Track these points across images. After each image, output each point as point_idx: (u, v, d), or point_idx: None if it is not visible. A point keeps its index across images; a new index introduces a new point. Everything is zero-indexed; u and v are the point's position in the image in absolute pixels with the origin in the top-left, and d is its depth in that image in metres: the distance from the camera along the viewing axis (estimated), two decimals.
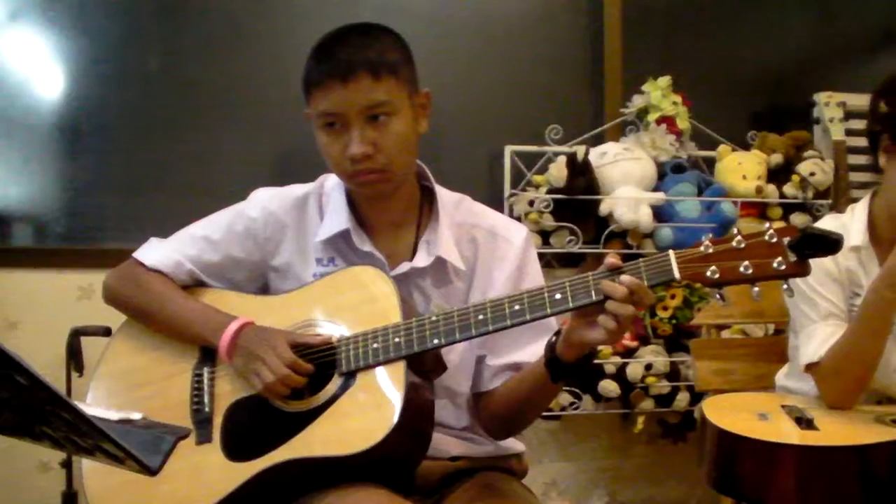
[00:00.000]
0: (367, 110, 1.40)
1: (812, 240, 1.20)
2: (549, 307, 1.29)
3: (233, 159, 2.71)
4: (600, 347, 1.37)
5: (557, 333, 1.36)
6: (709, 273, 1.23)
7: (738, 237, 1.23)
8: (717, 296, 1.26)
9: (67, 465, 2.25)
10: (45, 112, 2.63)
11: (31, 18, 2.63)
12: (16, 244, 2.63)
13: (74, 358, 2.28)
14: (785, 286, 1.25)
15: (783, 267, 1.21)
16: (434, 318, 1.36)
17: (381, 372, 1.36)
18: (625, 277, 1.24)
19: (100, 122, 2.65)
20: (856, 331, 1.70)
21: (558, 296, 1.29)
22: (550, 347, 1.36)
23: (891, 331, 1.70)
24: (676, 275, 1.24)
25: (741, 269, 1.22)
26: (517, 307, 1.31)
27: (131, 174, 2.67)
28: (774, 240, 1.22)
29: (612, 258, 1.28)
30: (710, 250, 1.23)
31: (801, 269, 1.21)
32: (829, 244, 1.19)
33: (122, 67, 2.67)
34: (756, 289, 1.24)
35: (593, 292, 1.26)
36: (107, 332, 2.13)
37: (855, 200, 1.91)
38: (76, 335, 2.29)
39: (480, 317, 1.33)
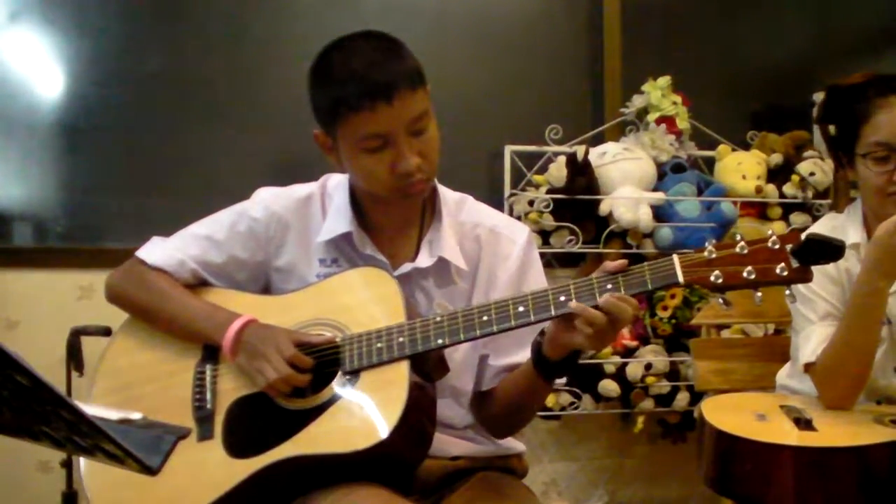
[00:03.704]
0: (412, 124, 1.39)
1: (814, 247, 1.22)
2: (553, 309, 1.30)
3: (233, 159, 2.71)
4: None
5: (542, 333, 1.36)
6: (712, 278, 1.24)
7: (742, 243, 1.25)
8: (721, 300, 1.27)
9: (67, 465, 2.25)
10: (44, 112, 2.63)
11: (31, 18, 2.63)
12: (16, 244, 2.63)
13: (74, 358, 2.28)
14: (787, 292, 1.27)
15: (786, 273, 1.22)
16: (438, 319, 1.36)
17: (383, 371, 1.36)
18: (605, 297, 1.25)
19: (100, 122, 2.65)
20: (847, 326, 1.69)
21: (562, 298, 1.29)
22: (537, 348, 1.37)
23: (882, 324, 1.69)
24: (680, 279, 1.25)
25: (744, 274, 1.23)
26: (521, 308, 1.31)
27: (131, 174, 2.67)
28: (777, 246, 1.23)
29: (610, 261, 1.30)
30: (714, 255, 1.25)
31: (804, 276, 1.23)
32: (832, 251, 1.21)
33: (122, 67, 2.67)
34: (759, 294, 1.25)
35: (597, 295, 1.27)
36: (107, 331, 2.13)
37: (854, 200, 1.91)
38: (76, 335, 2.29)
39: (485, 317, 1.33)
